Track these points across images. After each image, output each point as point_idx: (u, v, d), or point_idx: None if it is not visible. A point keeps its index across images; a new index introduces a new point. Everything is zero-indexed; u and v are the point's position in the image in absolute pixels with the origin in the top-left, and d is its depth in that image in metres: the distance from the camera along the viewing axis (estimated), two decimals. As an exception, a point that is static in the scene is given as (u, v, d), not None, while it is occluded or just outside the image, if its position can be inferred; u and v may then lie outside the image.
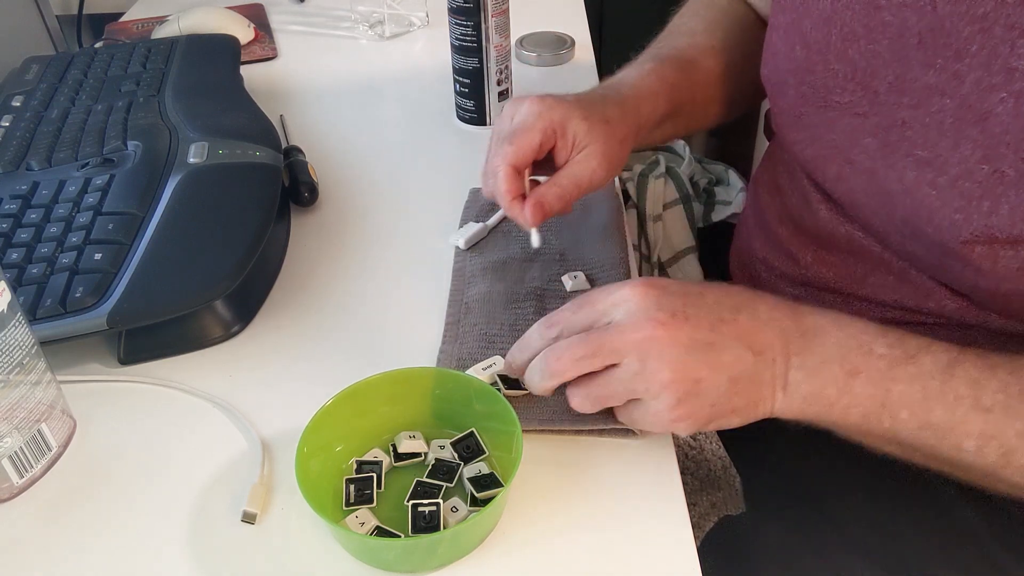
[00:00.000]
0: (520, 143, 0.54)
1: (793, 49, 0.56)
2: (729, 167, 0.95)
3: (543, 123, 0.54)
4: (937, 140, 0.47)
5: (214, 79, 0.83)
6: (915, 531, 0.58)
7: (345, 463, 0.48)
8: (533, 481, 0.47)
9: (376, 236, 0.68)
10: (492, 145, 0.57)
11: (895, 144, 0.50)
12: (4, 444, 0.46)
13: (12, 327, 0.45)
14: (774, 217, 0.67)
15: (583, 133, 0.55)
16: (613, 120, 0.57)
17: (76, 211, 0.61)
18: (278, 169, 0.68)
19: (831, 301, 0.62)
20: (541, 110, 0.55)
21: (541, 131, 0.54)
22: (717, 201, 0.91)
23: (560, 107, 0.55)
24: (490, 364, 0.52)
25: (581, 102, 0.57)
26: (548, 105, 0.55)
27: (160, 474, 0.49)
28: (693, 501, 1.24)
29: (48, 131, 0.73)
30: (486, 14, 0.76)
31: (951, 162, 0.46)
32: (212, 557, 0.44)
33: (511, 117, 0.56)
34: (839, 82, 0.53)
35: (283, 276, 0.64)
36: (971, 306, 0.53)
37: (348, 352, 0.57)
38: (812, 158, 0.58)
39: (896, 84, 0.49)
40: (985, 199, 0.45)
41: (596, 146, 0.55)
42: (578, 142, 0.55)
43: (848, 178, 0.55)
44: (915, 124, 0.48)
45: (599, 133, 0.55)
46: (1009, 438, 0.44)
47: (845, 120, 0.54)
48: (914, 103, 0.48)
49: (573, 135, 0.55)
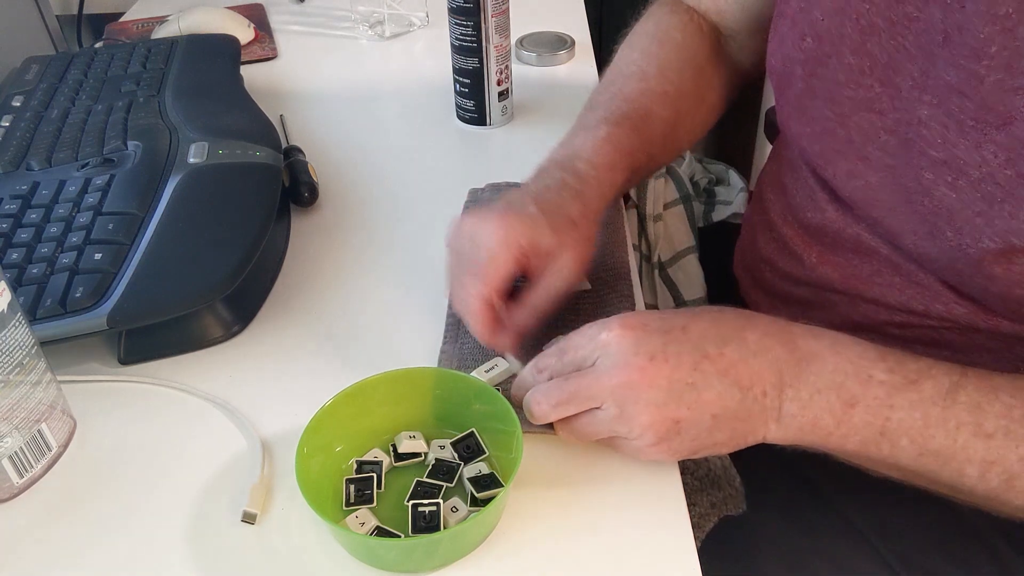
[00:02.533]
0: (491, 279, 0.51)
1: (803, 40, 0.55)
2: (729, 167, 0.95)
3: (512, 251, 0.51)
4: (956, 141, 0.46)
5: (214, 79, 0.83)
6: (917, 527, 0.58)
7: (345, 463, 0.48)
8: (533, 481, 0.47)
9: (376, 236, 0.68)
10: (453, 267, 0.54)
11: (912, 142, 0.49)
12: (4, 444, 0.46)
13: (12, 327, 0.45)
14: (778, 215, 0.67)
15: (555, 246, 0.52)
16: (578, 219, 0.54)
17: (76, 211, 0.61)
18: (278, 169, 0.67)
19: (837, 302, 0.61)
20: (507, 235, 0.51)
21: (512, 260, 0.51)
22: (718, 201, 0.90)
23: (525, 225, 0.51)
24: (492, 367, 0.52)
25: (543, 207, 0.53)
26: (512, 226, 0.51)
27: (160, 474, 0.49)
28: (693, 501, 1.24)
29: (48, 131, 0.73)
30: (486, 14, 0.76)
31: (971, 164, 0.45)
32: (212, 557, 0.44)
33: (470, 238, 0.52)
34: (854, 76, 0.52)
35: (283, 276, 0.64)
36: (980, 310, 0.53)
37: (348, 352, 0.57)
38: (820, 153, 0.57)
39: (920, 80, 0.48)
40: (1007, 203, 0.44)
41: (569, 253, 0.52)
42: (551, 254, 0.52)
43: (862, 175, 0.54)
44: (932, 123, 0.47)
45: (570, 240, 0.53)
46: (1012, 463, 0.44)
47: (860, 115, 0.52)
48: (935, 102, 0.47)
49: (546, 251, 0.52)
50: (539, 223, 0.52)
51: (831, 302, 0.61)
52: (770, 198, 0.69)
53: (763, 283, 0.69)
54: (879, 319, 0.58)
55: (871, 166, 0.53)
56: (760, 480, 0.70)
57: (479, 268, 0.51)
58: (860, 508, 0.60)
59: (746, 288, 0.73)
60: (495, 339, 0.51)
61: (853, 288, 0.59)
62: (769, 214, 0.68)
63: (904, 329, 0.57)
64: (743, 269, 0.74)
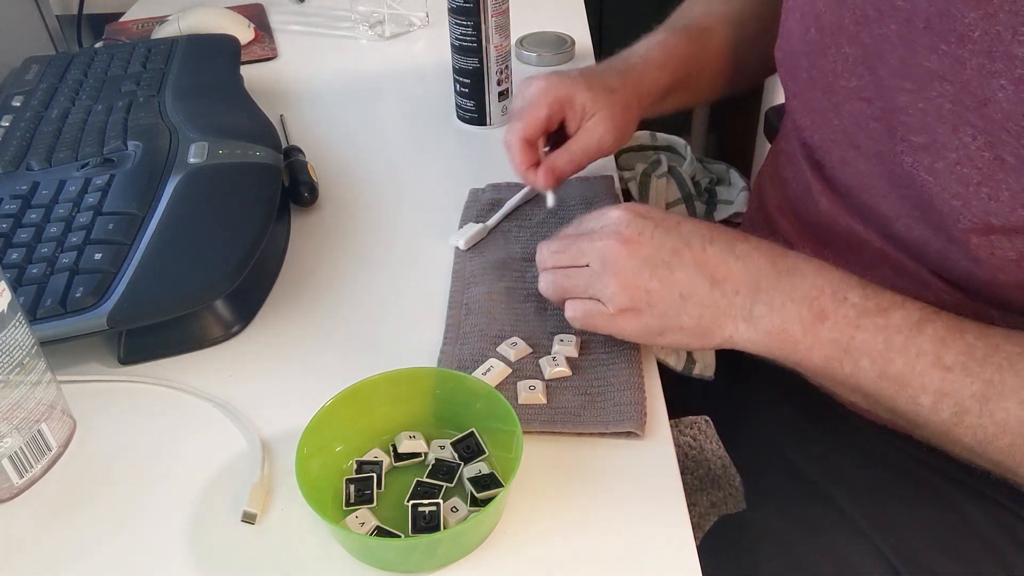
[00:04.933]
0: (528, 118, 0.61)
1: (808, 31, 0.56)
2: (730, 167, 0.94)
3: (549, 98, 0.61)
4: (935, 125, 0.47)
5: (214, 79, 0.83)
6: (917, 524, 0.58)
7: (345, 463, 0.48)
8: (533, 481, 0.47)
9: (376, 236, 0.68)
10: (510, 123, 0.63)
11: (894, 129, 0.50)
12: (4, 444, 0.46)
13: (12, 327, 0.45)
14: (775, 208, 0.68)
15: (589, 102, 0.61)
16: (616, 88, 0.63)
17: (76, 211, 0.61)
18: (278, 169, 0.68)
19: None
20: (547, 86, 0.61)
21: (548, 105, 0.61)
22: (719, 200, 0.90)
23: (565, 82, 0.61)
24: (488, 368, 0.52)
25: (585, 75, 0.63)
26: (553, 82, 0.61)
27: (160, 474, 0.49)
28: (693, 501, 1.24)
29: (48, 131, 0.73)
30: (486, 14, 0.76)
31: (949, 147, 0.46)
32: (212, 557, 0.44)
33: (520, 93, 0.63)
34: (848, 66, 0.53)
35: (283, 276, 0.64)
36: (968, 300, 0.53)
37: (348, 352, 0.57)
38: (820, 143, 0.58)
39: (900, 68, 0.49)
40: (984, 185, 0.45)
41: (603, 113, 0.61)
42: (586, 111, 0.61)
43: (854, 162, 0.55)
44: (911, 109, 0.48)
45: (604, 101, 0.61)
46: (964, 398, 0.45)
47: (851, 104, 0.54)
48: (914, 88, 0.48)
49: (581, 106, 0.61)
50: (577, 83, 0.62)
51: None
52: (768, 192, 0.70)
53: None
54: None
55: (862, 154, 0.54)
56: (760, 480, 0.71)
57: (520, 112, 0.61)
58: (860, 507, 0.60)
59: None
60: (528, 173, 0.61)
61: None
62: (767, 208, 0.69)
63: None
64: None
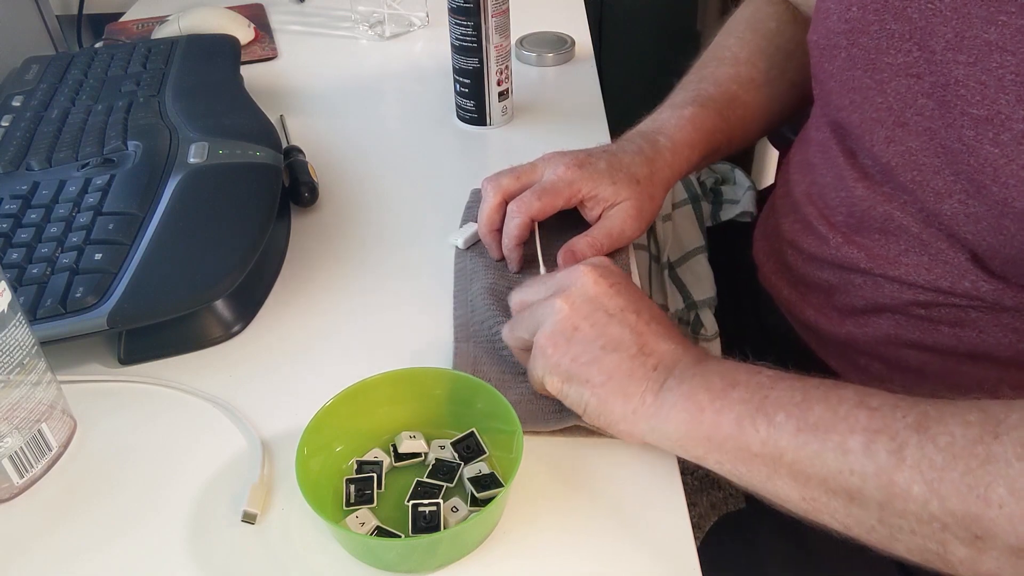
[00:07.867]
0: (545, 204, 0.60)
1: (849, 10, 0.56)
2: (735, 166, 0.94)
3: (571, 192, 0.60)
4: (996, 97, 0.47)
5: (214, 79, 0.83)
6: None
7: (345, 463, 0.48)
8: (533, 481, 0.47)
9: (376, 236, 0.68)
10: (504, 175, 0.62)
11: (951, 103, 0.50)
12: (4, 444, 0.46)
13: (12, 327, 0.45)
14: (803, 195, 0.67)
15: (612, 195, 0.60)
16: (642, 180, 0.62)
17: (76, 211, 0.61)
18: (278, 169, 0.68)
19: (860, 284, 0.61)
20: (572, 180, 0.60)
21: (567, 199, 0.60)
22: (725, 200, 0.90)
23: (593, 177, 0.60)
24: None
25: (612, 165, 0.61)
26: (580, 176, 0.60)
27: (160, 474, 0.49)
28: (693, 501, 1.24)
29: (48, 131, 0.73)
30: (486, 14, 0.76)
31: (1014, 119, 0.46)
32: (212, 557, 0.44)
33: (543, 171, 0.61)
34: (894, 42, 0.53)
35: (283, 276, 0.64)
36: (1008, 288, 0.53)
37: (348, 352, 0.57)
38: (860, 123, 0.58)
39: (955, 41, 0.49)
40: None
41: (627, 204, 0.61)
42: (610, 202, 0.61)
43: (901, 140, 0.55)
44: (970, 82, 0.48)
45: (629, 192, 0.61)
46: (898, 430, 0.39)
47: (898, 81, 0.53)
48: (971, 60, 0.48)
49: (604, 199, 0.61)
50: (603, 177, 0.60)
51: (855, 284, 0.62)
52: (796, 179, 0.69)
53: (787, 267, 0.70)
54: (904, 299, 0.59)
55: (910, 131, 0.54)
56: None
57: (541, 191, 0.60)
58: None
59: (767, 275, 0.73)
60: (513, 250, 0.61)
61: (879, 268, 0.60)
62: (794, 195, 0.69)
63: (929, 309, 0.58)
64: (765, 255, 0.74)
